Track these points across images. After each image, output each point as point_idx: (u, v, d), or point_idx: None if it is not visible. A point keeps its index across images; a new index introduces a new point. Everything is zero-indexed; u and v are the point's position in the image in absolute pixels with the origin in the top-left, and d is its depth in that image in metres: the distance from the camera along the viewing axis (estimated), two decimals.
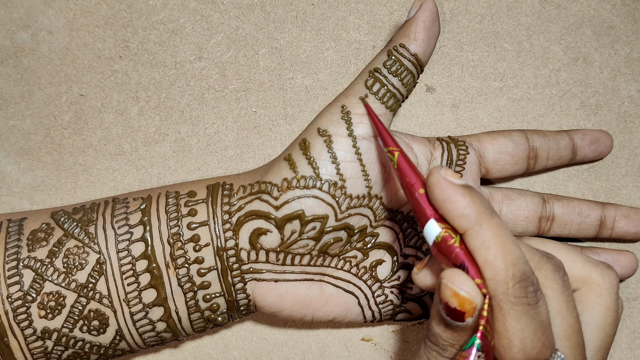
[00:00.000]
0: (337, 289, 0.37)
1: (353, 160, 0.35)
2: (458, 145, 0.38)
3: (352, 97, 0.35)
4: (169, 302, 0.35)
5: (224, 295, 0.36)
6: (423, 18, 0.35)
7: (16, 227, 0.35)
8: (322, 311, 0.37)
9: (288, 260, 0.36)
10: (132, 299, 0.35)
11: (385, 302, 0.38)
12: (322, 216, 0.35)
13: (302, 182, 0.34)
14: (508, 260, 0.27)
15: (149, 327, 0.35)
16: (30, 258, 0.34)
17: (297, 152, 0.35)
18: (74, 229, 0.35)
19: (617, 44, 0.43)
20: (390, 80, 0.35)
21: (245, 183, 0.36)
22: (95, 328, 0.34)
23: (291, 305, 0.37)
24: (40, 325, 0.34)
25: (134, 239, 0.35)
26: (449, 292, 0.27)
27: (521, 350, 0.28)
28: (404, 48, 0.35)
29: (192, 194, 0.36)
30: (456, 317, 0.27)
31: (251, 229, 0.35)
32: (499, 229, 0.28)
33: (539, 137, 0.40)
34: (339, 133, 0.35)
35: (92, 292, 0.34)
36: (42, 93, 0.42)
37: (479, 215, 0.28)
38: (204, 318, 0.36)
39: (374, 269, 0.38)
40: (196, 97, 0.43)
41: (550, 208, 0.40)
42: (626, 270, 0.40)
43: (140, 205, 0.36)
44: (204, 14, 0.42)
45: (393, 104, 0.36)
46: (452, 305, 0.27)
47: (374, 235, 0.37)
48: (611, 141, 0.42)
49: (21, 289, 0.34)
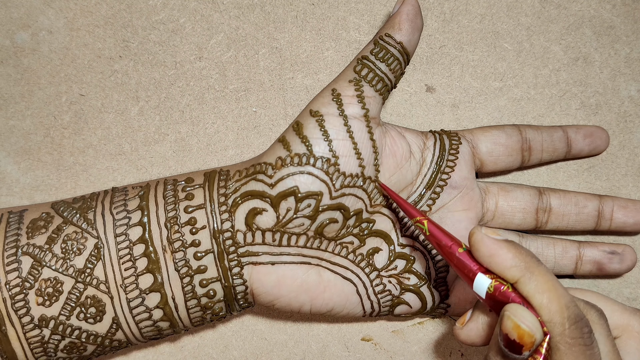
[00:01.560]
0: (335, 275, 0.38)
1: (345, 139, 0.36)
2: (450, 136, 0.40)
3: (342, 81, 0.37)
4: (166, 287, 0.35)
5: (220, 281, 0.36)
6: (406, 11, 0.37)
7: (16, 217, 0.36)
8: (321, 299, 0.37)
9: (284, 240, 0.36)
10: (129, 285, 0.35)
11: (384, 292, 0.38)
12: (317, 192, 0.35)
13: (296, 160, 0.35)
14: (562, 303, 0.29)
15: (145, 315, 0.35)
16: (30, 245, 0.35)
17: (290, 134, 0.36)
18: (73, 216, 0.35)
19: (617, 44, 0.43)
20: (378, 65, 0.37)
21: (241, 168, 0.37)
22: (92, 315, 0.35)
23: (289, 291, 0.37)
24: (37, 313, 0.34)
25: (132, 223, 0.35)
26: (510, 324, 0.29)
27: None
28: (389, 37, 0.37)
29: (189, 180, 0.37)
30: (514, 350, 0.29)
31: (247, 209, 0.36)
32: (548, 275, 0.30)
33: (532, 130, 0.41)
34: (331, 113, 0.36)
35: (89, 278, 0.34)
36: (42, 93, 0.42)
37: (528, 265, 0.30)
38: (201, 306, 0.36)
39: (371, 257, 0.38)
40: (196, 97, 0.43)
41: (547, 200, 0.41)
42: (626, 265, 0.41)
43: (139, 192, 0.36)
44: (204, 14, 0.42)
45: (382, 87, 0.37)
46: (512, 337, 0.28)
47: (370, 222, 0.38)
48: (606, 135, 0.42)
49: (19, 276, 0.34)
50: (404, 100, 0.43)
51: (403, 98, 0.43)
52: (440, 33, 0.43)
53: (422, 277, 0.39)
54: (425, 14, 0.43)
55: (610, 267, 0.41)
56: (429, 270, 0.39)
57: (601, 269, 0.41)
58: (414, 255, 0.39)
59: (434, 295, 0.39)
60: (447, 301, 0.39)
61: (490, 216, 0.40)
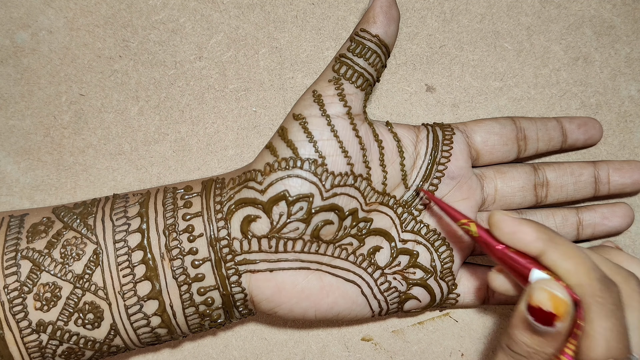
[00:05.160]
0: (337, 278, 0.37)
1: (330, 138, 0.36)
2: (443, 127, 0.40)
3: (321, 82, 0.37)
4: (164, 295, 0.35)
5: (218, 289, 0.36)
6: (380, 3, 0.37)
7: (17, 221, 0.36)
8: (325, 304, 0.37)
9: (281, 246, 0.36)
10: (127, 292, 0.35)
11: (390, 290, 0.38)
12: (307, 195, 0.35)
13: (283, 164, 0.36)
14: (587, 266, 0.31)
15: (143, 322, 0.35)
16: (29, 249, 0.35)
17: (276, 139, 0.37)
18: (74, 222, 0.35)
19: (617, 44, 0.43)
20: (356, 61, 0.37)
21: (234, 176, 0.37)
22: (90, 321, 0.35)
23: (289, 297, 0.37)
24: (35, 318, 0.34)
25: (131, 230, 0.35)
26: (544, 295, 0.30)
27: (606, 349, 0.30)
28: (364, 32, 0.37)
29: (188, 189, 0.37)
30: (546, 322, 0.29)
31: (241, 217, 0.36)
32: (570, 244, 0.32)
33: (526, 120, 0.41)
34: (313, 114, 0.36)
35: (87, 283, 0.34)
36: (42, 93, 0.42)
37: (550, 236, 0.32)
38: (199, 313, 0.36)
39: (372, 256, 0.38)
40: (196, 97, 0.43)
41: (543, 174, 0.41)
42: (625, 221, 0.41)
43: (139, 199, 0.36)
44: (204, 14, 0.42)
45: (362, 82, 0.37)
46: (547, 308, 0.29)
47: (367, 221, 0.38)
48: (599, 126, 0.42)
49: (18, 280, 0.34)
50: (404, 100, 0.43)
51: (403, 98, 0.43)
52: (440, 33, 0.43)
53: (428, 270, 0.38)
54: (425, 14, 0.43)
55: (610, 226, 0.41)
56: (434, 262, 0.39)
57: (602, 230, 0.41)
58: (417, 250, 0.38)
59: (442, 287, 0.39)
60: (456, 291, 0.40)
61: (492, 200, 0.40)
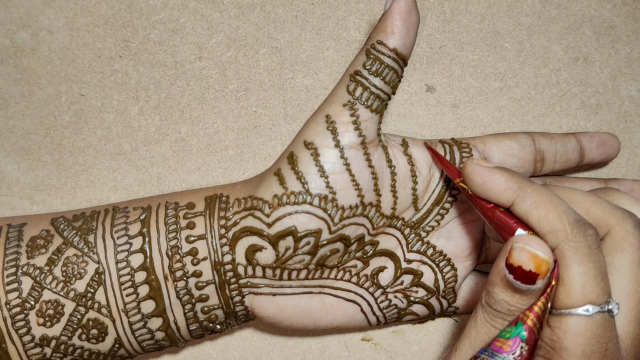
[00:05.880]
0: (338, 299, 0.37)
1: (342, 172, 0.34)
2: (461, 147, 0.37)
3: (335, 104, 0.34)
4: (168, 313, 0.35)
5: (222, 308, 0.36)
6: (399, 9, 0.33)
7: (16, 232, 0.35)
8: (324, 321, 0.37)
9: (285, 275, 0.35)
10: (130, 310, 0.34)
11: (390, 307, 0.38)
12: (315, 231, 0.34)
13: (292, 199, 0.34)
14: (559, 210, 0.29)
15: (147, 337, 0.35)
16: (30, 265, 0.34)
17: (285, 167, 0.35)
18: (74, 237, 0.35)
19: (617, 44, 0.43)
20: (372, 81, 0.34)
21: (240, 196, 0.36)
22: (94, 336, 0.34)
23: (291, 316, 0.37)
24: (38, 333, 0.34)
25: (133, 249, 0.35)
26: (525, 255, 0.28)
27: (581, 294, 0.28)
28: (382, 45, 0.34)
29: (190, 206, 0.36)
30: (528, 281, 0.28)
31: (247, 244, 0.35)
32: (542, 189, 0.30)
33: (546, 139, 0.39)
34: (326, 145, 0.34)
35: (90, 302, 0.34)
36: (42, 93, 0.42)
37: (521, 184, 0.30)
38: (203, 327, 0.36)
39: (375, 277, 0.37)
40: (196, 97, 0.42)
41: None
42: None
43: (140, 216, 0.36)
44: (204, 14, 0.42)
45: (378, 105, 0.34)
46: (528, 267, 0.28)
47: (373, 244, 0.37)
48: (618, 143, 0.40)
49: (20, 296, 0.34)
50: (404, 100, 0.43)
51: (403, 98, 0.43)
52: (440, 33, 0.43)
53: (431, 290, 0.38)
54: (425, 14, 0.43)
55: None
56: (437, 283, 0.38)
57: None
58: (422, 270, 0.38)
59: (442, 303, 0.39)
60: (455, 304, 0.39)
61: None
